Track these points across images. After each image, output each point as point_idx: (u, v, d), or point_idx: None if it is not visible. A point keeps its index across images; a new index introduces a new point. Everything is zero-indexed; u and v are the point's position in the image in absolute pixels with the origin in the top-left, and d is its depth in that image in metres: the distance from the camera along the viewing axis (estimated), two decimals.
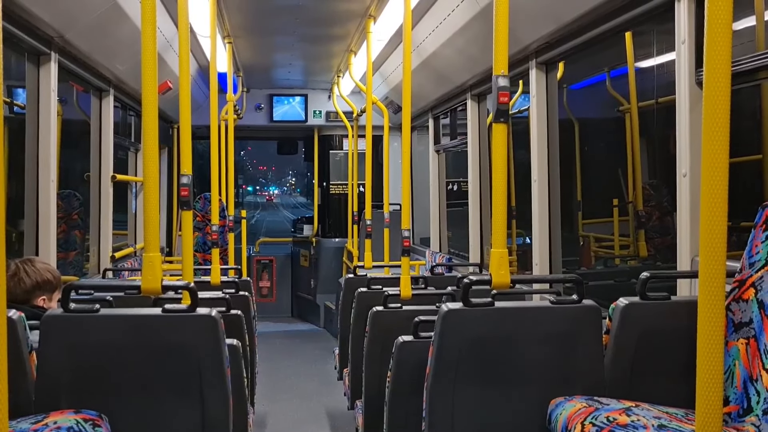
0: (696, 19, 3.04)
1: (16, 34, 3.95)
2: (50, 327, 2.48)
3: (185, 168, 3.87)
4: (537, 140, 4.74)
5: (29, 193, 4.49)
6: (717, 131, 1.59)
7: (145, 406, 2.56)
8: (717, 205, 1.59)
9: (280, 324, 11.09)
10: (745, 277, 2.28)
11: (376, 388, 3.83)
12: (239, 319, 4.09)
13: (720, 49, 1.58)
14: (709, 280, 1.60)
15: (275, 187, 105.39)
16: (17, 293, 3.25)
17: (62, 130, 5.25)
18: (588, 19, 3.88)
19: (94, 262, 6.01)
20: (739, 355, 2.25)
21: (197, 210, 9.69)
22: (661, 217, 5.66)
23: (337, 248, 10.85)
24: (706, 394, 1.62)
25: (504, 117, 2.69)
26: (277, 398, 7.06)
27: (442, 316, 2.57)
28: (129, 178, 7.37)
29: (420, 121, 8.39)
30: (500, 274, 2.69)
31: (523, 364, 2.62)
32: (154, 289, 2.71)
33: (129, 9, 4.71)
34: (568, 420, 2.32)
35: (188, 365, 2.54)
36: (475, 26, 4.89)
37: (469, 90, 6.36)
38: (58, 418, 2.26)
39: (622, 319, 2.59)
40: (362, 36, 6.87)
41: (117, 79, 6.00)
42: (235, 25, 6.73)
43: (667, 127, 3.43)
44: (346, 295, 5.25)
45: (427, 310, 3.65)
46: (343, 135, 10.76)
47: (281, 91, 10.53)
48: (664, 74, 4.77)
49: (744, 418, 2.19)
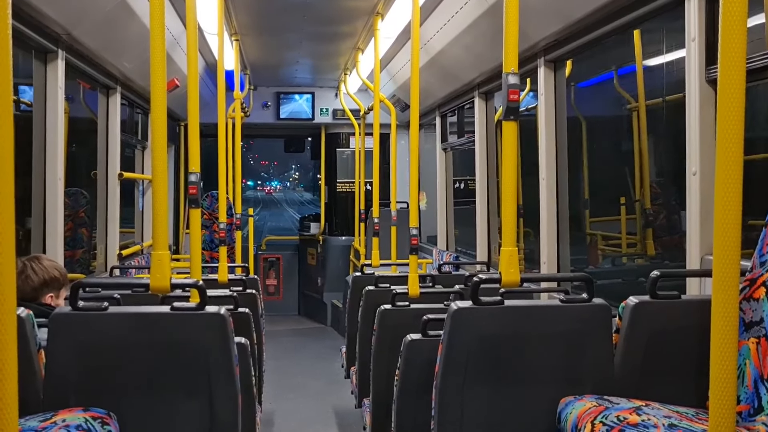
0: (707, 16, 3.02)
1: (23, 32, 3.95)
2: (58, 325, 2.48)
3: (193, 166, 3.87)
4: (545, 138, 4.73)
5: (36, 190, 4.49)
6: (731, 129, 1.57)
7: (154, 405, 2.55)
8: (731, 204, 1.58)
9: (287, 322, 11.09)
10: (755, 276, 2.26)
11: (384, 387, 3.82)
12: (247, 317, 4.09)
13: (735, 46, 1.56)
14: (723, 279, 1.59)
15: (278, 182, 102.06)
16: (25, 291, 3.25)
17: (69, 128, 5.25)
18: (596, 17, 3.87)
19: (101, 260, 6.01)
20: (749, 354, 2.24)
21: (204, 208, 9.69)
22: (668, 215, 5.64)
23: (344, 246, 10.85)
24: (720, 394, 1.61)
25: (514, 114, 2.68)
26: (284, 396, 7.07)
27: (452, 314, 2.56)
28: (136, 176, 7.37)
29: (427, 119, 8.38)
30: (510, 273, 2.68)
31: (532, 363, 2.61)
32: (163, 287, 2.71)
33: (137, 6, 4.71)
34: (577, 419, 2.31)
35: (197, 363, 2.54)
36: (482, 24, 4.87)
37: (477, 88, 6.34)
38: (67, 416, 2.26)
39: (632, 318, 2.57)
40: (370, 33, 6.86)
41: (124, 76, 5.99)
42: (243, 22, 6.73)
43: (675, 125, 3.41)
44: (354, 294, 5.25)
45: (435, 308, 3.64)
46: (350, 133, 10.75)
47: (288, 89, 10.51)
48: (672, 72, 4.76)
49: (755, 418, 2.18)
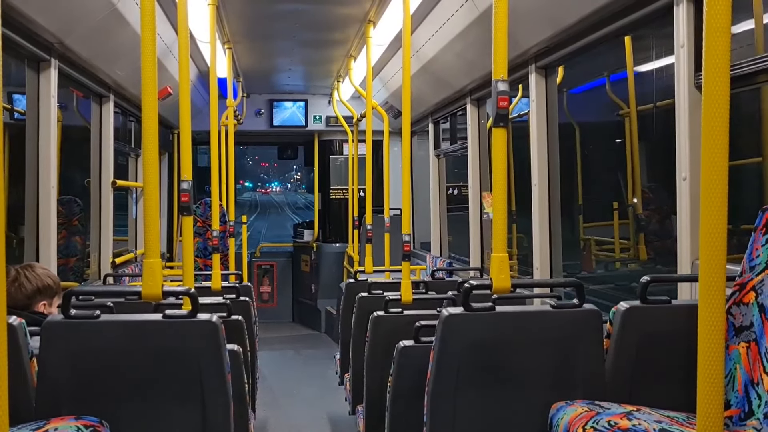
0: (695, 22, 3.04)
1: (16, 41, 3.95)
2: (51, 333, 2.47)
3: (185, 173, 3.87)
4: (537, 144, 4.74)
5: (29, 199, 4.49)
6: (716, 134, 1.58)
7: (146, 412, 2.55)
8: (717, 209, 1.59)
9: (281, 329, 11.08)
10: (745, 281, 2.28)
11: (377, 393, 3.82)
12: (240, 324, 4.08)
13: (719, 53, 1.58)
14: (710, 283, 1.60)
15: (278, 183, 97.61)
16: (18, 299, 3.25)
17: (62, 136, 5.25)
18: (587, 23, 3.88)
19: (94, 268, 6.01)
20: (740, 358, 2.25)
21: (198, 215, 9.68)
22: (660, 220, 5.66)
23: (337, 253, 10.84)
24: (707, 398, 1.62)
25: (504, 121, 2.70)
26: (278, 403, 7.05)
27: (443, 320, 2.57)
28: (129, 184, 7.37)
29: (420, 125, 8.40)
30: (501, 279, 2.69)
31: (524, 369, 2.62)
32: (155, 294, 2.71)
33: (129, 15, 4.71)
34: (569, 424, 2.32)
35: (189, 371, 2.54)
36: (474, 31, 4.89)
37: (469, 94, 6.36)
38: (59, 424, 2.26)
39: (622, 323, 2.58)
40: (362, 41, 6.88)
41: (117, 84, 6.00)
42: (235, 30, 6.74)
43: (666, 131, 3.43)
44: (347, 300, 5.25)
45: (428, 314, 3.65)
46: (343, 140, 10.76)
47: (281, 96, 10.53)
48: (663, 78, 4.78)
49: (745, 422, 2.19)
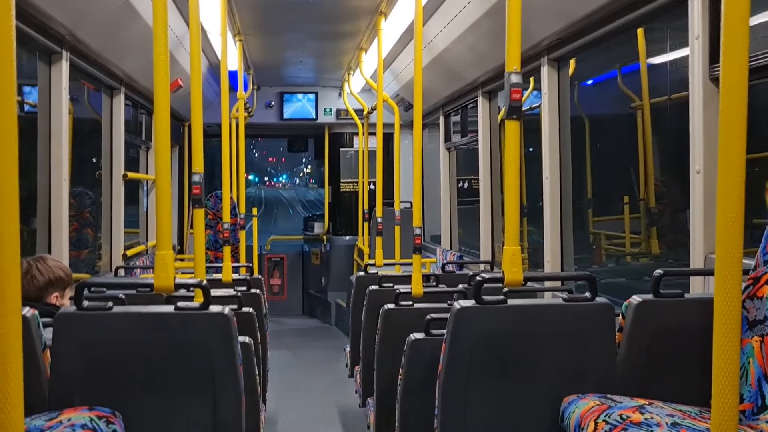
0: (710, 14, 3.02)
1: (27, 33, 3.97)
2: (63, 324, 2.49)
3: (197, 166, 3.88)
4: (548, 137, 4.72)
5: (42, 191, 4.51)
6: (734, 127, 1.57)
7: (158, 404, 2.56)
8: (733, 202, 1.58)
9: (291, 321, 11.10)
10: (759, 274, 2.26)
11: (388, 386, 3.82)
12: (251, 316, 4.09)
13: (737, 45, 1.56)
14: (726, 277, 1.58)
15: (287, 177, 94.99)
16: (30, 291, 3.27)
17: (74, 128, 5.27)
18: (600, 15, 3.87)
19: (105, 260, 6.03)
20: (753, 352, 2.24)
21: (208, 208, 9.70)
22: (673, 214, 5.63)
23: (348, 246, 10.85)
24: (722, 392, 1.61)
25: (517, 114, 2.69)
26: (288, 396, 7.07)
27: (455, 313, 2.56)
28: (140, 176, 7.39)
29: (431, 118, 8.38)
30: (513, 272, 2.68)
31: (535, 362, 2.61)
32: (167, 286, 2.72)
33: (140, 7, 4.72)
34: (581, 418, 2.31)
35: (201, 363, 2.54)
36: (486, 23, 4.87)
37: (480, 87, 6.34)
38: (72, 415, 2.27)
39: (635, 316, 2.57)
40: (373, 33, 6.86)
41: (128, 77, 6.01)
42: (246, 22, 6.74)
43: (681, 124, 3.41)
44: (357, 293, 5.25)
45: (438, 307, 3.65)
46: (353, 133, 10.75)
47: (292, 89, 10.52)
48: (676, 70, 4.75)
49: (758, 416, 2.18)
